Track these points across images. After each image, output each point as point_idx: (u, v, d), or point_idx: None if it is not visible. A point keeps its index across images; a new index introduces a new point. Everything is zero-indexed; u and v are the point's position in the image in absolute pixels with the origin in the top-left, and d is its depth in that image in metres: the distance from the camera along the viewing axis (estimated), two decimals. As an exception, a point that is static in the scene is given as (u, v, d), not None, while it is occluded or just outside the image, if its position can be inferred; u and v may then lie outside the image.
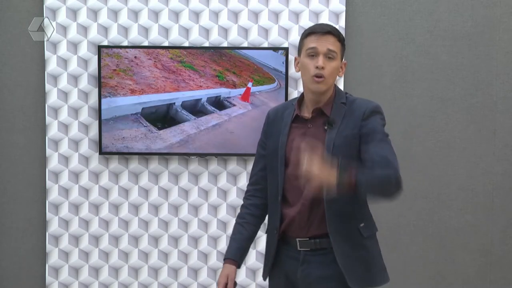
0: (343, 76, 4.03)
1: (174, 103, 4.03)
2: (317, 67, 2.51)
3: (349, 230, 2.55)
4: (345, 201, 2.47)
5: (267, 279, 2.74)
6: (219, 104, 4.03)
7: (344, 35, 4.00)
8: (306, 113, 2.61)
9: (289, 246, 2.63)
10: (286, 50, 3.98)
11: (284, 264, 2.65)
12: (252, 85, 4.01)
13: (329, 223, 2.52)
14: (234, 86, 4.02)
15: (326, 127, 2.54)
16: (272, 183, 2.64)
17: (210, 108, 4.03)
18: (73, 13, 4.06)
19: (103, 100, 4.01)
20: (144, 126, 4.03)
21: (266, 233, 2.75)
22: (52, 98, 4.08)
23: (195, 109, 4.03)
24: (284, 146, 2.59)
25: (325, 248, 2.55)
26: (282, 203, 2.60)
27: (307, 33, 2.58)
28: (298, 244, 2.60)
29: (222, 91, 4.02)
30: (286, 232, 2.62)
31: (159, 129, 4.03)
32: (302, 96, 2.65)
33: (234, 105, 4.03)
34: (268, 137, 2.70)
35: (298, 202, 2.56)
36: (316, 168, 2.31)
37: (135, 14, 4.07)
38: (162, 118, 4.03)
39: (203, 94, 4.02)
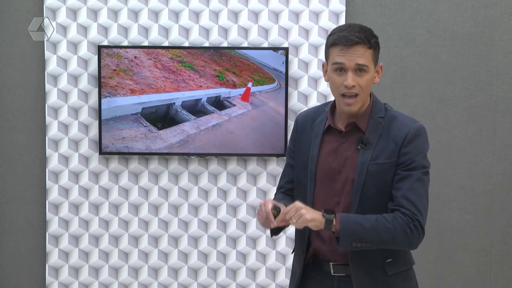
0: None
1: (174, 103, 4.03)
2: (346, 86, 2.23)
3: (371, 262, 2.30)
4: None
5: None
6: (219, 104, 4.03)
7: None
8: (340, 124, 2.35)
9: (320, 271, 2.39)
10: (286, 50, 3.98)
11: None
12: (252, 85, 4.01)
13: (350, 252, 2.29)
14: (234, 86, 4.02)
15: (360, 146, 2.29)
16: (300, 199, 2.32)
17: (210, 108, 4.03)
18: (73, 13, 4.06)
19: (103, 100, 4.01)
20: (144, 126, 4.03)
21: (292, 252, 2.53)
22: (52, 98, 4.08)
23: (195, 109, 4.03)
24: (314, 160, 2.34)
25: None
26: None
27: (332, 43, 2.26)
28: (332, 269, 2.35)
29: (222, 91, 4.02)
30: (317, 254, 2.39)
31: (159, 129, 4.03)
32: (335, 103, 2.38)
33: (234, 105, 4.03)
34: (296, 146, 2.45)
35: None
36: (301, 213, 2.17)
37: (135, 14, 4.07)
38: (162, 118, 4.03)
39: (203, 94, 4.02)
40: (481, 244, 4.15)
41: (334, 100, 2.38)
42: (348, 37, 2.22)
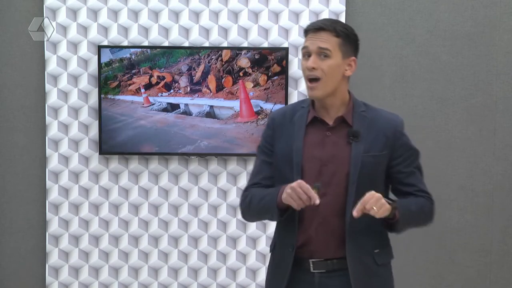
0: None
1: (175, 103, 4.03)
2: (308, 68, 2.31)
3: (363, 254, 2.37)
4: (367, 225, 2.33)
5: None
6: (219, 105, 4.03)
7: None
8: (322, 117, 2.40)
9: (299, 268, 2.38)
10: (286, 50, 3.98)
11: None
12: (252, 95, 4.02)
13: (348, 244, 2.34)
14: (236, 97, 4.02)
15: (351, 139, 2.34)
16: None
17: (211, 109, 4.03)
18: (73, 13, 4.06)
19: (103, 100, 4.01)
20: (145, 126, 4.03)
21: (272, 251, 2.49)
22: (52, 98, 4.08)
23: (196, 109, 4.03)
24: (300, 152, 2.35)
25: (343, 269, 2.36)
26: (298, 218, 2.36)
27: (304, 31, 2.38)
28: (311, 265, 2.38)
29: (225, 102, 4.03)
30: (298, 253, 2.38)
31: (159, 129, 4.03)
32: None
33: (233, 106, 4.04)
34: (274, 142, 2.44)
35: (315, 220, 2.34)
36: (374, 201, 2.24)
37: (135, 14, 4.07)
38: (162, 118, 4.03)
39: (205, 100, 4.03)
40: (481, 244, 4.15)
41: None
42: (315, 23, 2.35)
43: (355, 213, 2.22)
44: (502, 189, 4.14)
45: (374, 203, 2.21)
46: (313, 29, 2.33)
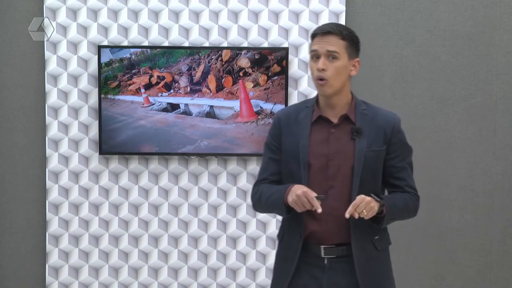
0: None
1: (175, 103, 4.03)
2: (318, 70, 2.49)
3: (365, 240, 2.54)
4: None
5: None
6: (219, 105, 4.03)
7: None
8: (329, 116, 2.57)
9: (309, 254, 2.55)
10: (286, 50, 3.98)
11: (303, 274, 2.56)
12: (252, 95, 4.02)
13: (352, 232, 2.51)
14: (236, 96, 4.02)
15: (354, 135, 2.52)
16: None
17: (211, 109, 4.03)
18: (73, 13, 4.06)
19: (103, 100, 4.01)
20: (144, 126, 4.03)
21: (281, 241, 2.65)
22: (52, 98, 4.08)
23: (196, 109, 4.03)
24: (306, 150, 2.52)
25: (348, 255, 2.53)
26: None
27: (311, 35, 2.55)
28: (322, 251, 2.54)
29: (224, 102, 4.02)
30: (307, 239, 2.55)
31: (159, 129, 4.03)
32: (318, 98, 2.60)
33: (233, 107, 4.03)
34: (281, 141, 2.60)
35: (323, 211, 2.45)
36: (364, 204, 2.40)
37: (135, 14, 4.07)
38: (162, 118, 4.03)
39: (205, 100, 4.03)
40: (481, 244, 4.15)
41: (316, 95, 2.61)
42: (322, 28, 2.52)
43: (347, 214, 2.40)
44: (502, 189, 4.14)
45: (364, 206, 2.39)
46: (321, 33, 2.50)
